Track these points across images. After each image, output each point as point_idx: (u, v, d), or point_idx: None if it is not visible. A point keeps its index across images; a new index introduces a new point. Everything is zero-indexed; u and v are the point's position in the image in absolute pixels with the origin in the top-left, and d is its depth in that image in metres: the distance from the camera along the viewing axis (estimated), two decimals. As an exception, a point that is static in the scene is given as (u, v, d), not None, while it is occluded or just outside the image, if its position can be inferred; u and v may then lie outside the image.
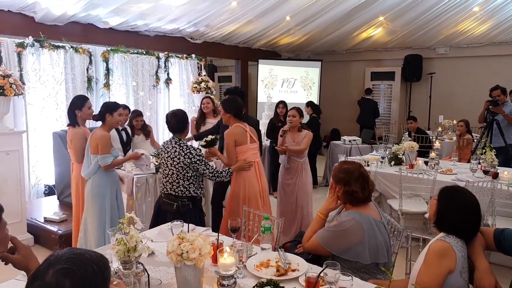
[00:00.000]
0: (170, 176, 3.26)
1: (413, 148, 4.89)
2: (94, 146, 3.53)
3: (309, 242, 2.34)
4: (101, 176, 3.60)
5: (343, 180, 2.32)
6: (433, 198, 2.13)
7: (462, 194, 2.03)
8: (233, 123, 3.66)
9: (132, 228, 1.95)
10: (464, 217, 1.95)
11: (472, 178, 4.27)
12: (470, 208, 1.97)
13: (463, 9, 7.42)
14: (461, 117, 6.99)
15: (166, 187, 3.31)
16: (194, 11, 6.65)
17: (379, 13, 7.75)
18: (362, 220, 2.22)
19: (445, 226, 1.98)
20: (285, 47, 10.20)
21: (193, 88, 6.52)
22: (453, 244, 1.89)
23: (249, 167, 3.60)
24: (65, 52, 5.87)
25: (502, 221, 3.79)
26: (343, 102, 10.62)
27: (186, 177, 3.24)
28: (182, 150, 3.22)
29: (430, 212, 2.12)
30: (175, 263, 1.73)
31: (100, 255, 1.15)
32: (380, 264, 2.24)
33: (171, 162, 3.24)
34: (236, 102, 3.72)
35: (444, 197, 2.04)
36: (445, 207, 1.99)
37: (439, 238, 1.94)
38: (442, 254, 1.86)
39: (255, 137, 3.75)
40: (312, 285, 1.77)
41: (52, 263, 1.07)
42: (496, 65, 8.88)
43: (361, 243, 2.19)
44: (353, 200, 2.31)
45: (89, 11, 5.90)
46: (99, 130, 3.60)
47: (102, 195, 3.59)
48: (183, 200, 3.24)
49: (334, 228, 2.27)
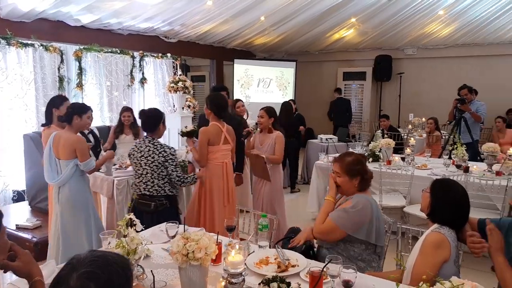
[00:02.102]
0: (145, 176, 3.22)
1: (389, 145, 5.04)
2: (68, 151, 3.34)
3: (324, 225, 2.40)
4: (78, 181, 3.43)
5: (360, 171, 2.45)
6: (425, 191, 2.19)
7: (454, 187, 2.12)
8: (212, 121, 3.65)
9: (131, 230, 1.91)
10: (457, 210, 2.05)
11: (446, 172, 4.45)
12: (462, 201, 2.07)
13: (429, 12, 7.72)
14: (429, 115, 7.24)
15: (140, 188, 3.25)
16: (169, 10, 6.56)
17: (351, 15, 7.93)
18: (371, 200, 2.43)
19: (439, 218, 2.06)
20: (259, 47, 10.24)
21: (169, 87, 6.43)
22: (448, 235, 1.98)
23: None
24: (34, 51, 5.65)
25: (475, 212, 3.94)
26: (317, 102, 10.79)
27: (161, 176, 3.22)
28: (156, 148, 3.20)
29: (422, 204, 2.19)
30: (180, 263, 1.71)
31: (121, 256, 1.13)
32: (378, 247, 2.38)
33: (145, 161, 3.20)
34: (220, 100, 3.71)
35: (437, 190, 2.12)
36: (439, 200, 2.07)
37: (434, 230, 2.02)
38: (438, 245, 1.95)
39: (231, 138, 3.74)
40: (316, 279, 1.79)
41: (75, 267, 1.05)
42: (460, 65, 9.29)
43: (370, 222, 2.34)
44: (366, 184, 2.48)
45: (59, 7, 5.70)
46: (68, 133, 3.37)
47: (84, 201, 3.46)
48: (160, 199, 3.22)
49: (350, 209, 2.36)
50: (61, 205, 3.44)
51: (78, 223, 3.44)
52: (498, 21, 7.82)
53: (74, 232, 3.46)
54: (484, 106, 6.04)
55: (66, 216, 3.45)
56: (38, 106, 5.68)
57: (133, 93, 7.06)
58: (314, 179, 5.31)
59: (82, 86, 6.17)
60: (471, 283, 1.41)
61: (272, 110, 4.13)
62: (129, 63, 6.94)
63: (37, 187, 4.97)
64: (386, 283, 1.94)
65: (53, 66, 5.86)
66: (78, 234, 3.46)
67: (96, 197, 4.55)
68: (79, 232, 3.45)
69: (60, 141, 3.36)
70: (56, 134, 3.43)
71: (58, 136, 3.39)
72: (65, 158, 3.35)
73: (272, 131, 4.10)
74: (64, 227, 3.48)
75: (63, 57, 5.97)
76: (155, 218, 3.00)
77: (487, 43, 8.80)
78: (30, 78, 5.63)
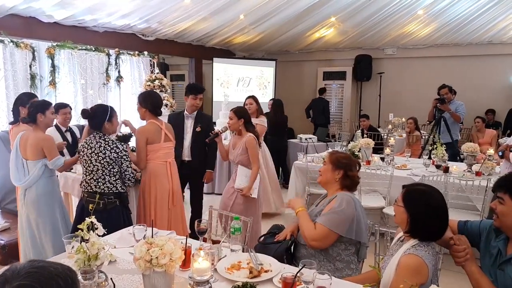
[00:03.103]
0: (95, 172, 3.10)
1: (369, 145, 5.02)
2: (36, 150, 3.24)
3: (317, 232, 2.30)
4: (47, 183, 3.34)
5: (346, 165, 2.46)
6: (396, 205, 1.97)
7: (430, 196, 1.90)
8: (148, 119, 3.52)
9: (92, 234, 1.79)
10: (438, 220, 1.87)
11: (426, 172, 4.44)
12: (442, 208, 1.89)
13: (409, 12, 7.75)
14: (409, 115, 7.28)
15: (90, 185, 3.13)
16: (146, 7, 6.40)
17: (331, 13, 7.90)
18: (353, 197, 2.42)
19: (421, 234, 1.87)
20: (239, 46, 10.14)
21: (146, 86, 6.29)
22: (425, 257, 1.79)
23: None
24: (4, 47, 5.43)
25: (455, 213, 3.95)
26: (297, 102, 10.71)
27: (112, 172, 3.12)
28: (108, 144, 3.10)
29: (397, 219, 1.97)
30: (143, 270, 1.60)
31: (67, 267, 1.01)
32: (363, 247, 2.36)
33: (96, 158, 3.09)
34: (154, 97, 3.60)
35: (412, 204, 1.89)
36: (418, 216, 1.86)
37: (411, 252, 1.82)
38: (414, 271, 1.76)
39: (172, 135, 3.63)
40: (289, 286, 1.71)
41: (8, 280, 0.91)
42: (439, 65, 9.37)
43: (355, 219, 2.30)
44: (350, 184, 2.47)
45: (30, 3, 5.48)
46: (34, 133, 3.28)
47: (50, 204, 3.34)
48: (109, 197, 3.11)
49: (337, 208, 2.32)
50: (27, 207, 3.33)
51: (44, 226, 3.31)
52: (477, 22, 7.91)
53: (40, 236, 3.33)
54: (463, 106, 6.06)
55: (32, 218, 3.34)
56: (9, 104, 5.46)
57: (108, 92, 6.87)
58: (293, 179, 5.24)
59: (55, 84, 5.96)
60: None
61: (242, 111, 3.80)
62: (105, 61, 6.75)
63: (6, 188, 4.78)
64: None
65: (24, 63, 5.63)
66: (45, 238, 3.33)
67: (68, 198, 4.40)
68: (46, 236, 3.31)
69: (27, 141, 3.27)
70: (23, 134, 3.33)
71: (25, 136, 3.31)
72: (32, 158, 3.27)
73: (242, 133, 3.74)
74: (31, 230, 3.37)
75: (35, 54, 5.75)
76: (104, 217, 2.83)
77: (466, 43, 8.89)
78: (0, 75, 5.40)
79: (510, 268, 1.76)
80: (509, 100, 8.68)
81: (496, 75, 8.86)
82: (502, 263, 1.81)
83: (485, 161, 4.31)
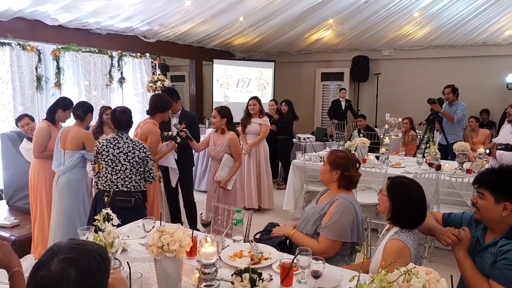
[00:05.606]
0: (123, 172, 3.24)
1: (364, 144, 5.19)
2: (77, 143, 3.82)
3: (321, 246, 2.39)
4: (78, 172, 3.90)
5: (343, 166, 2.52)
6: (381, 194, 2.16)
7: (411, 188, 2.09)
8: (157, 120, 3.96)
9: (108, 224, 1.97)
10: (416, 211, 2.05)
11: (419, 170, 4.62)
12: (422, 201, 2.07)
13: (405, 14, 7.91)
14: (405, 115, 7.44)
15: (117, 184, 3.25)
16: (148, 10, 6.57)
17: (329, 16, 8.06)
18: (352, 199, 2.48)
19: (401, 221, 2.06)
20: (238, 48, 10.30)
21: (148, 87, 6.45)
22: (407, 241, 1.98)
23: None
24: (11, 50, 5.57)
25: (446, 209, 4.13)
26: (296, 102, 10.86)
27: (139, 172, 3.30)
28: (136, 145, 3.28)
29: (380, 207, 2.18)
30: (155, 255, 1.78)
31: (100, 245, 1.19)
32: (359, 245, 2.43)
33: (124, 157, 3.23)
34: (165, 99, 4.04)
35: (395, 193, 2.09)
36: (398, 204, 2.05)
37: (394, 238, 2.01)
38: (398, 254, 1.91)
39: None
40: (287, 270, 1.88)
41: (56, 253, 1.10)
42: (435, 66, 9.54)
43: (354, 221, 2.39)
44: (348, 184, 2.53)
45: (36, 6, 5.66)
46: (77, 128, 3.88)
47: (77, 188, 3.87)
48: (138, 195, 3.30)
49: (336, 215, 2.40)
50: (59, 191, 3.83)
51: (72, 211, 3.82)
52: (471, 23, 8.06)
53: (68, 220, 3.80)
54: (463, 108, 5.98)
55: (62, 203, 3.82)
56: (16, 106, 5.64)
57: (111, 93, 7.03)
58: (291, 177, 5.41)
59: (60, 85, 6.12)
60: (426, 269, 1.51)
61: (225, 111, 4.03)
62: (108, 63, 6.91)
63: (15, 186, 4.93)
64: (354, 274, 2.02)
65: (30, 66, 5.79)
66: (73, 222, 3.75)
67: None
68: (74, 220, 3.77)
69: (68, 134, 3.83)
70: (64, 128, 3.92)
71: (66, 131, 3.86)
72: (72, 149, 3.82)
73: (225, 131, 4.00)
74: (60, 215, 3.84)
75: (40, 57, 5.90)
76: (133, 213, 3.04)
77: (461, 44, 9.06)
78: (7, 77, 5.57)
79: (487, 255, 1.94)
80: (504, 101, 8.82)
81: (490, 75, 9.02)
82: (480, 250, 1.98)
83: (475, 159, 4.50)
